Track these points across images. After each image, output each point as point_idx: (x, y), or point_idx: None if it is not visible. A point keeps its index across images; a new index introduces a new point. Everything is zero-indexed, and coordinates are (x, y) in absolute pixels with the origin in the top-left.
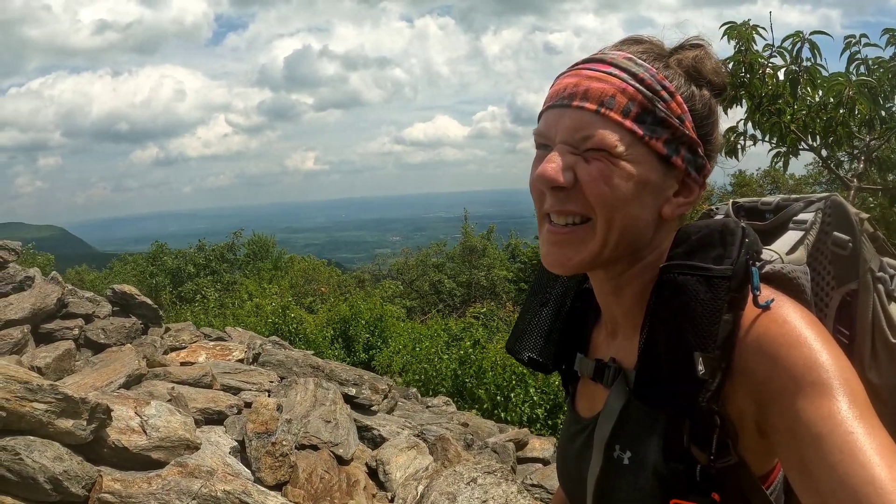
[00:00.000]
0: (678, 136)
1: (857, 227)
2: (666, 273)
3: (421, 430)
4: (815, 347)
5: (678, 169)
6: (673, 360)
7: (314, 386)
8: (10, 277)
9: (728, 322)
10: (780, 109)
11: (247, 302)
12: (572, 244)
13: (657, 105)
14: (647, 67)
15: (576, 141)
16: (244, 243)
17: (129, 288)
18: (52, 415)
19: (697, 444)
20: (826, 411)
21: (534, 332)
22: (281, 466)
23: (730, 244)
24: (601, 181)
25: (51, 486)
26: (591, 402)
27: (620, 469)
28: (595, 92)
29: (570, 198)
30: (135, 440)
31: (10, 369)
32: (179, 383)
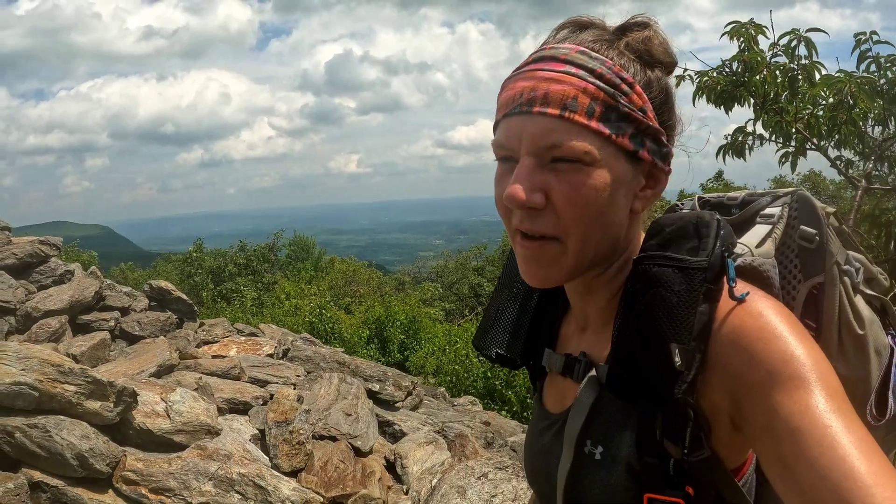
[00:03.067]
0: (642, 128)
1: (823, 220)
2: (640, 264)
3: (442, 427)
4: (791, 341)
5: (645, 162)
6: (648, 352)
7: (338, 381)
8: (51, 271)
9: (703, 314)
10: (782, 108)
11: (285, 302)
12: (547, 261)
13: (619, 100)
14: (602, 60)
15: (542, 150)
16: (286, 244)
17: (165, 283)
18: (82, 396)
19: (670, 438)
20: (803, 405)
21: (500, 327)
22: (297, 454)
23: (705, 236)
24: (576, 200)
25: (77, 462)
26: (560, 397)
27: (592, 464)
28: (555, 95)
29: (539, 217)
30: (159, 423)
31: (44, 353)
32: (208, 374)
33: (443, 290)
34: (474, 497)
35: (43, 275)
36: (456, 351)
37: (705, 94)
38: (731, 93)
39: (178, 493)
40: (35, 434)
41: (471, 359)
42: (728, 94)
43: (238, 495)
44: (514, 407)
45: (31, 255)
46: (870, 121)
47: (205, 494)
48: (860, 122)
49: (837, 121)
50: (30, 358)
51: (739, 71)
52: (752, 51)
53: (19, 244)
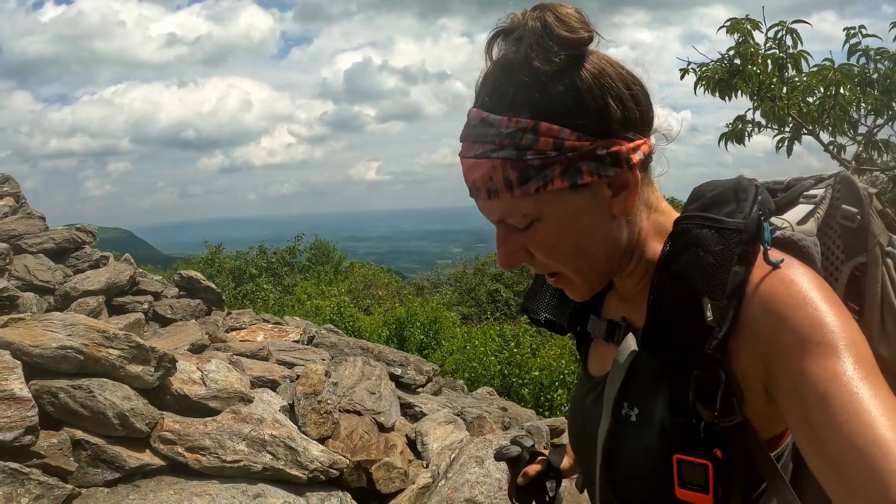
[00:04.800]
0: (567, 161)
1: (865, 200)
2: (678, 224)
3: (461, 411)
4: (822, 308)
5: (593, 182)
6: (681, 307)
7: (362, 363)
8: (87, 256)
9: (738, 274)
10: (775, 95)
11: (306, 302)
12: (570, 286)
13: (527, 157)
14: (499, 121)
15: (499, 224)
16: (306, 248)
17: (195, 273)
18: (125, 360)
19: (702, 400)
20: (832, 371)
21: (549, 292)
22: (325, 423)
23: (742, 200)
24: (547, 249)
25: (118, 420)
26: (602, 361)
27: (628, 426)
28: (479, 182)
29: (537, 264)
30: (195, 390)
31: (89, 321)
32: (238, 355)
33: (460, 295)
34: (491, 467)
35: (79, 259)
36: (474, 349)
37: (704, 84)
38: (728, 82)
39: (213, 452)
40: (79, 394)
41: (488, 356)
42: (725, 84)
43: (269, 455)
44: (529, 403)
45: (69, 241)
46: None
47: (238, 453)
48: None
49: (826, 107)
50: (75, 325)
51: (736, 62)
52: (747, 44)
53: (56, 230)
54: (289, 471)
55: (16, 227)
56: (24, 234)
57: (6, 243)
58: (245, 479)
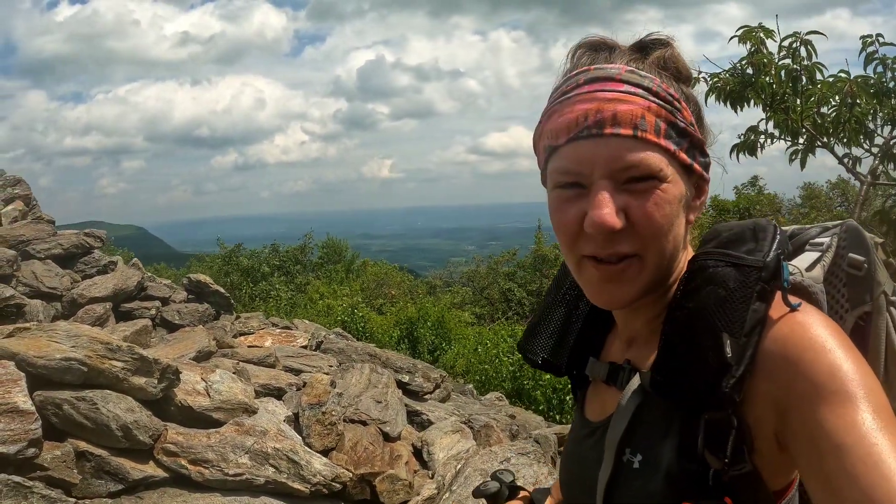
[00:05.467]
0: (694, 142)
1: (872, 249)
2: (696, 261)
3: (468, 419)
4: (839, 355)
5: (695, 173)
6: (698, 343)
7: (369, 370)
8: (95, 262)
9: (757, 311)
10: (787, 107)
11: (318, 301)
12: (627, 280)
13: (677, 117)
14: (651, 78)
15: (618, 172)
16: (318, 246)
17: (203, 277)
18: (128, 372)
19: (712, 448)
20: (849, 420)
21: (547, 332)
22: (329, 434)
23: (762, 239)
24: (657, 217)
25: (121, 433)
26: (601, 406)
27: (630, 473)
28: (625, 115)
29: (619, 238)
30: (199, 401)
31: (93, 332)
32: (245, 361)
33: (473, 294)
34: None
35: (87, 265)
36: (486, 350)
37: (715, 95)
38: (740, 93)
39: (215, 465)
40: (82, 406)
41: (500, 358)
42: (736, 94)
43: (272, 468)
44: (541, 406)
45: (77, 246)
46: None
47: (241, 466)
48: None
49: (841, 119)
50: (80, 336)
51: (749, 72)
52: (759, 53)
53: (65, 235)
54: (291, 484)
55: (24, 232)
56: (32, 239)
57: (14, 249)
58: (248, 492)
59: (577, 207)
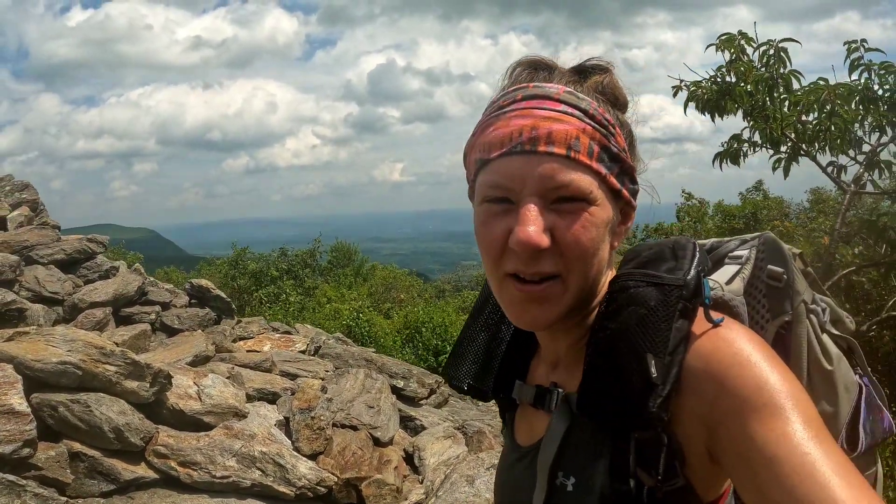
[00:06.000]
0: (625, 168)
1: (790, 260)
2: (616, 282)
3: (462, 424)
4: (765, 368)
5: (623, 199)
6: (623, 365)
7: (364, 376)
8: (98, 266)
9: (680, 330)
10: (767, 115)
11: (326, 305)
12: (548, 301)
13: (611, 142)
14: (588, 101)
15: (548, 191)
16: (327, 250)
17: (205, 282)
18: (121, 376)
19: (643, 464)
20: (779, 432)
21: (471, 358)
22: (317, 438)
23: (681, 257)
24: (583, 240)
25: (114, 435)
26: (530, 429)
27: (564, 496)
28: (559, 134)
29: (543, 257)
30: (190, 405)
31: (88, 337)
32: (241, 366)
33: None
34: (482, 486)
35: (90, 270)
36: None
37: (695, 103)
38: (717, 102)
39: (203, 467)
40: (77, 408)
41: None
42: (714, 104)
43: (259, 471)
44: None
45: (79, 252)
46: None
47: (228, 469)
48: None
49: (822, 127)
50: (75, 340)
51: (728, 80)
52: (739, 61)
53: (68, 241)
54: (277, 487)
55: (28, 237)
56: (36, 244)
57: (18, 255)
58: (234, 494)
59: (504, 223)
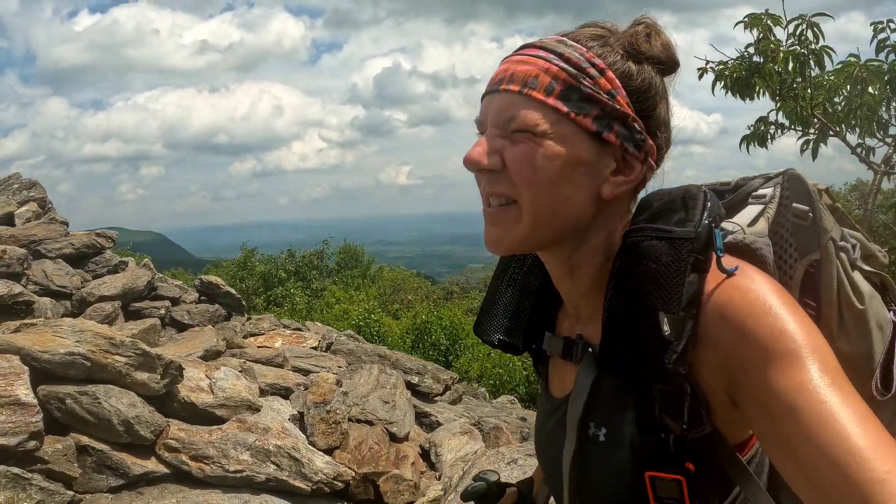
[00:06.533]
0: (608, 111)
1: (815, 198)
2: (628, 238)
3: (478, 421)
4: (782, 316)
5: (613, 146)
6: (637, 323)
7: (378, 371)
8: (106, 261)
9: (692, 283)
10: (797, 94)
11: (335, 306)
12: (503, 224)
13: (582, 82)
14: (576, 47)
15: (502, 123)
16: (334, 252)
17: (214, 278)
18: (131, 367)
19: (670, 414)
20: (797, 381)
21: (500, 313)
22: (333, 432)
23: (692, 208)
24: (524, 163)
25: (123, 428)
26: (562, 381)
27: (597, 446)
28: (519, 74)
29: (498, 180)
30: (202, 398)
31: (97, 327)
32: (253, 361)
33: None
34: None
35: (98, 265)
36: (500, 354)
37: (722, 83)
38: (747, 80)
39: (216, 461)
40: (85, 401)
41: (514, 362)
42: (743, 82)
43: (273, 465)
44: None
45: (88, 246)
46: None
47: (241, 463)
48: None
49: (852, 107)
50: (84, 331)
51: (756, 60)
52: (766, 40)
53: (76, 236)
54: (292, 482)
55: (36, 232)
56: (44, 239)
57: (26, 248)
58: (248, 490)
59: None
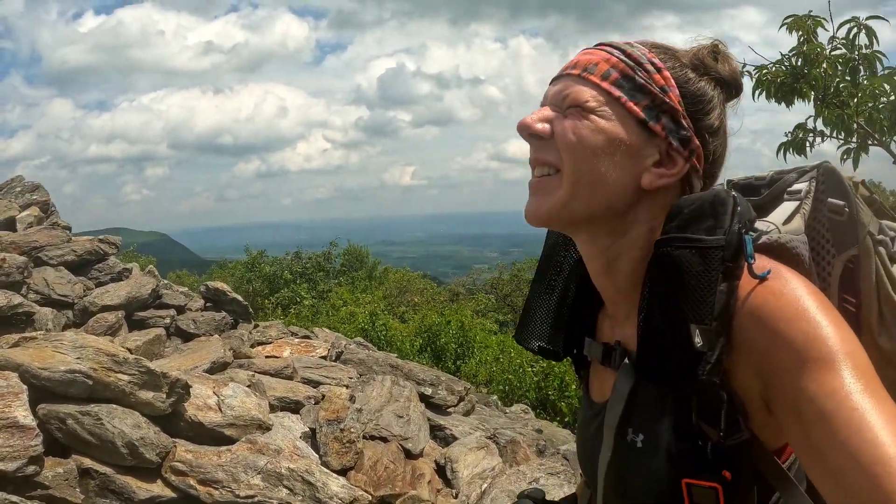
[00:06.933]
0: (658, 103)
1: (851, 191)
2: (660, 247)
3: (494, 433)
4: (815, 320)
5: (659, 137)
6: (670, 334)
7: (390, 383)
8: (109, 268)
9: (724, 293)
10: (843, 101)
11: (341, 308)
12: (543, 192)
13: (637, 73)
14: (640, 48)
15: (559, 101)
16: (340, 253)
17: (221, 285)
18: (135, 386)
19: (707, 421)
20: (830, 387)
21: (540, 319)
22: (347, 452)
23: (721, 214)
24: (570, 131)
25: (127, 450)
26: (602, 386)
27: (634, 452)
28: (582, 62)
29: (545, 147)
30: (210, 417)
31: (99, 342)
32: (261, 373)
33: (497, 301)
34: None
35: (101, 272)
36: (510, 360)
37: (764, 89)
38: (791, 86)
39: (226, 486)
40: (87, 421)
41: (524, 368)
42: (788, 88)
43: (286, 490)
44: (567, 418)
45: (91, 253)
46: None
47: (253, 488)
48: None
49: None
50: (85, 347)
51: (799, 64)
52: (811, 43)
53: (79, 242)
54: None
55: (38, 238)
56: (45, 245)
57: (27, 255)
58: None
59: None
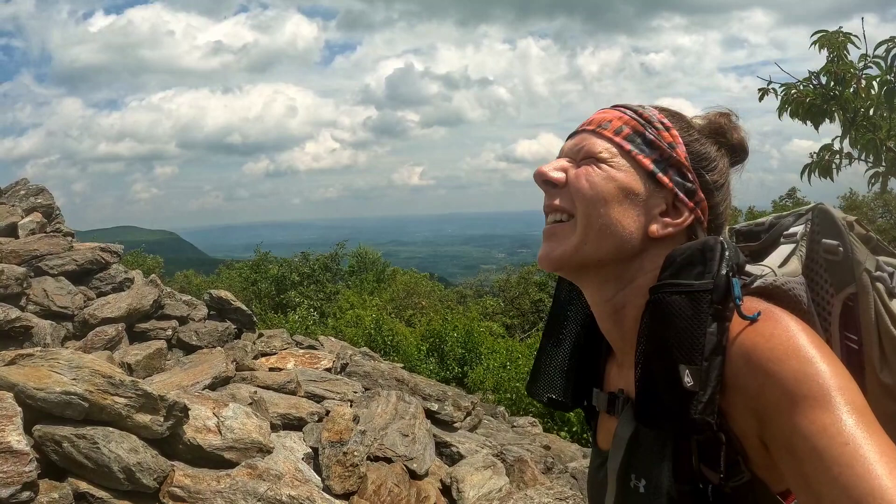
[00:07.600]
0: (666, 157)
1: (845, 231)
2: (653, 294)
3: (501, 450)
4: (806, 358)
5: (666, 188)
6: (662, 377)
7: (396, 399)
8: (111, 278)
9: (714, 334)
10: (875, 124)
11: (347, 311)
12: (556, 238)
13: (648, 129)
14: (651, 110)
15: (574, 153)
16: (348, 255)
17: (225, 293)
18: (132, 409)
19: (707, 463)
20: (821, 424)
21: (550, 372)
22: (350, 476)
23: (710, 259)
24: (583, 178)
25: (124, 475)
26: (607, 434)
27: (637, 498)
28: (597, 119)
29: (559, 194)
30: (209, 439)
31: (96, 363)
32: (264, 388)
33: (504, 304)
34: None
35: (102, 281)
36: (517, 368)
37: (791, 109)
38: (821, 107)
39: None
40: (83, 445)
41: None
42: (818, 109)
43: None
44: (575, 427)
45: (92, 262)
46: None
47: None
48: None
49: None
50: (81, 367)
51: (830, 84)
52: (842, 62)
53: (80, 250)
54: None
55: (38, 246)
56: (46, 254)
57: (27, 264)
58: None
59: None
